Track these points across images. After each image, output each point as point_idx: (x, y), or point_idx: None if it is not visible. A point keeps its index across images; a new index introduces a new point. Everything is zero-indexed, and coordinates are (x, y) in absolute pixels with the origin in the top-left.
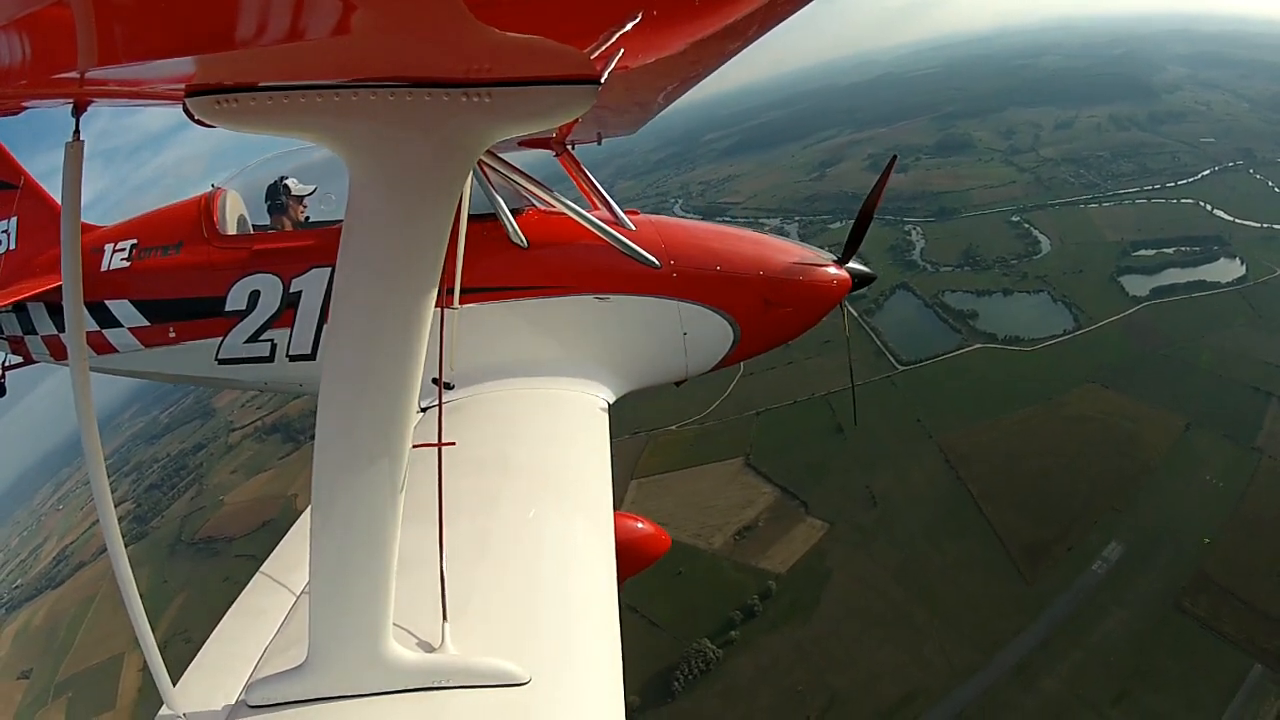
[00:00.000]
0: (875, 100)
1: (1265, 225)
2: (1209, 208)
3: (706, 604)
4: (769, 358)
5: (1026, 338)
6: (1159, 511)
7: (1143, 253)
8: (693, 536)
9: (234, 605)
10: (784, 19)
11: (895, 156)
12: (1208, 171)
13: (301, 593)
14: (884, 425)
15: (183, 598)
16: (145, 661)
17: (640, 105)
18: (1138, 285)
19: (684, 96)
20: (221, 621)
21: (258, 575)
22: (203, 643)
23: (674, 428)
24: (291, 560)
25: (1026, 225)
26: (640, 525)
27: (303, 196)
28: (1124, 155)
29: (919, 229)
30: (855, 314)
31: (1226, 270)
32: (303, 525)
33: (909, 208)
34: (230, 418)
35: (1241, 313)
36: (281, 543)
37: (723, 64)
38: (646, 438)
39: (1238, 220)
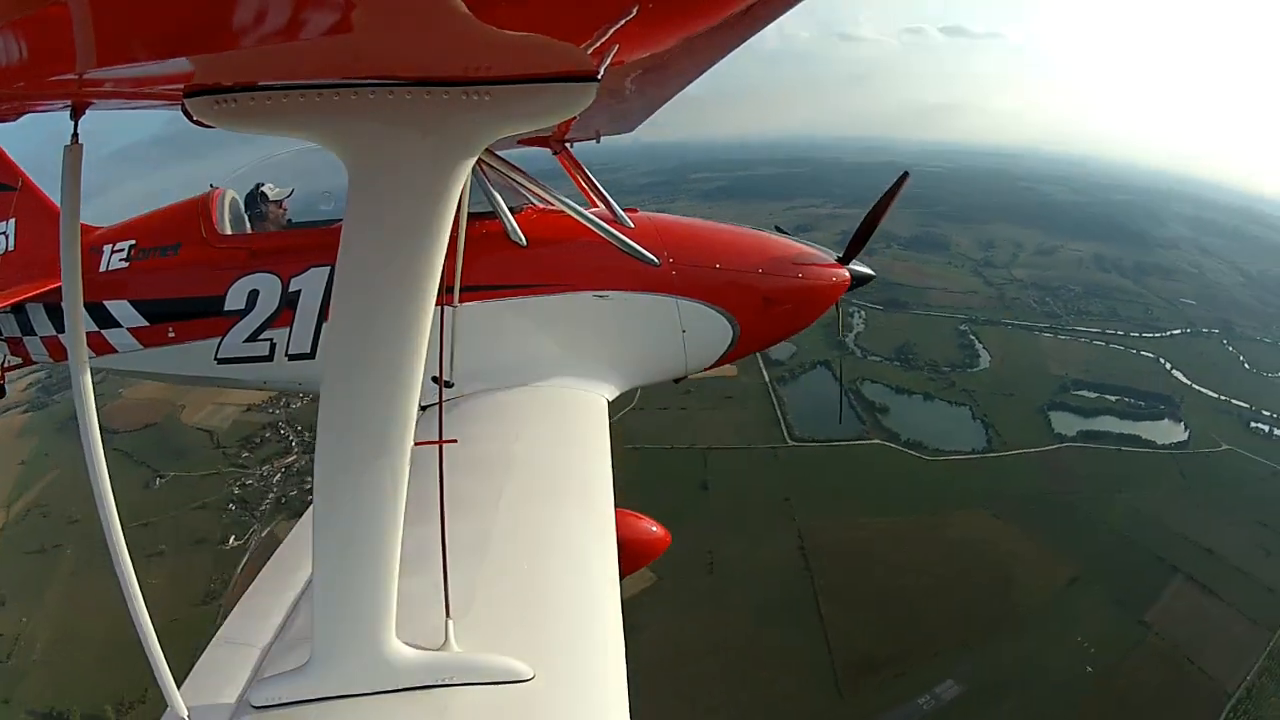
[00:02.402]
0: (872, 181)
1: (1222, 398)
2: (1168, 366)
3: None
4: (664, 398)
5: (930, 446)
6: (1013, 662)
7: (1083, 393)
8: None
9: (237, 606)
10: (779, 15)
11: (907, 173)
12: (1178, 332)
13: (304, 592)
14: (751, 495)
15: (55, 474)
16: (149, 662)
17: (638, 102)
18: (1066, 424)
19: (694, 128)
20: (225, 622)
21: (260, 574)
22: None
23: None
24: (294, 560)
25: (972, 337)
26: (641, 522)
27: (281, 200)
28: (1097, 295)
29: (863, 313)
30: (766, 379)
31: (1167, 432)
32: (305, 524)
33: (860, 294)
34: None
35: (1170, 479)
36: (284, 542)
37: (720, 60)
38: None
39: (1195, 385)
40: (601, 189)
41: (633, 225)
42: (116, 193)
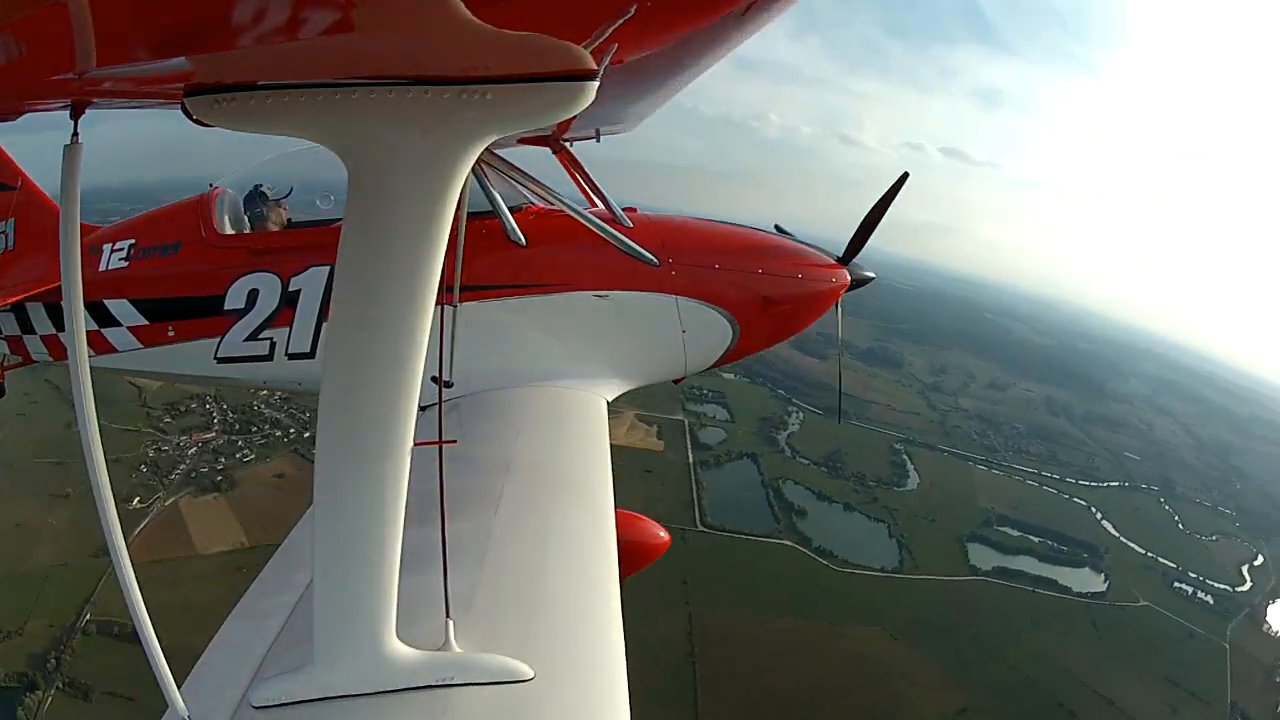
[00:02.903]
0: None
1: (1149, 554)
2: (1099, 516)
3: None
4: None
5: (840, 556)
6: None
7: (1007, 530)
8: None
9: (237, 606)
10: (776, 15)
11: (906, 173)
12: (1116, 484)
13: (305, 592)
14: (650, 571)
15: None
16: (149, 663)
17: (637, 101)
18: (984, 557)
19: (683, 197)
20: (225, 622)
21: (260, 575)
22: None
23: None
24: (294, 560)
25: (905, 457)
26: (641, 523)
27: (280, 200)
28: (1040, 436)
29: (800, 414)
30: (690, 460)
31: (1086, 581)
32: (305, 525)
33: (803, 390)
34: None
35: (1081, 627)
36: (284, 542)
37: (719, 60)
38: None
39: (1123, 538)
40: (601, 189)
41: (632, 225)
42: None
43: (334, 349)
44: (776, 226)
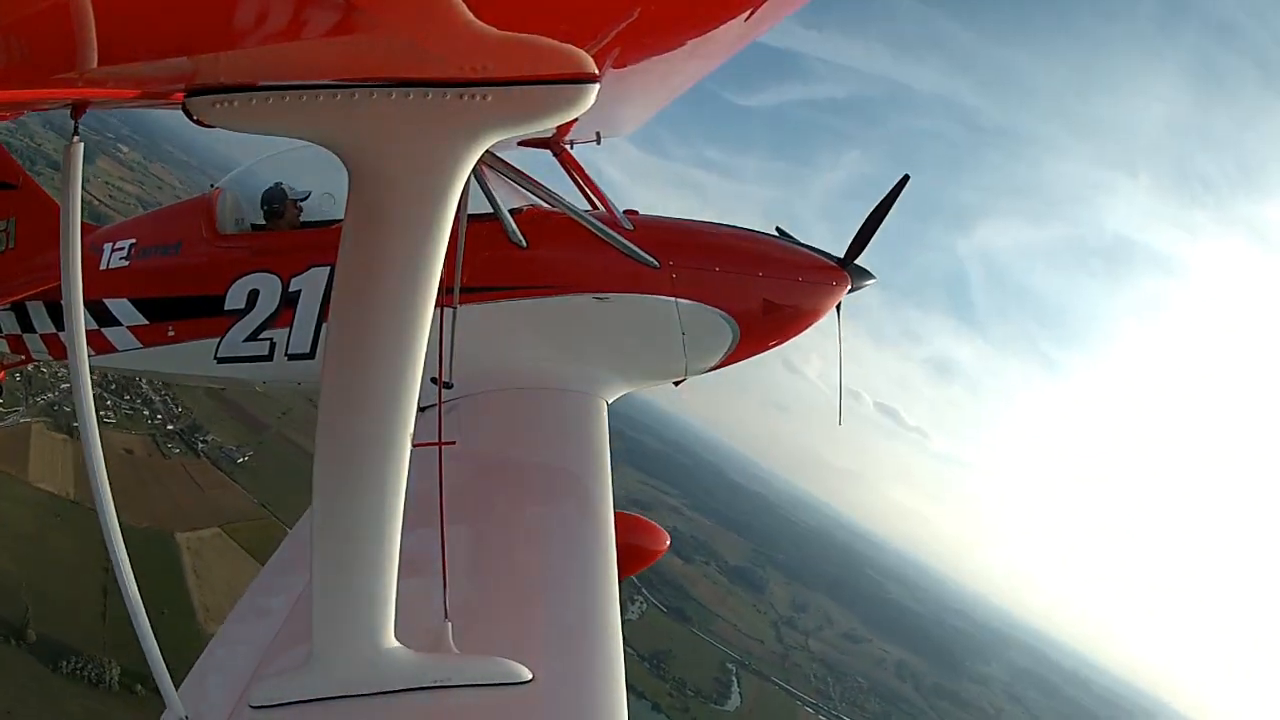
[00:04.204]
0: (727, 500)
1: None
2: None
3: None
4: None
5: None
6: None
7: None
8: None
9: (236, 606)
10: (782, 18)
11: (907, 175)
12: None
13: (303, 593)
14: None
15: None
16: (148, 662)
17: (638, 104)
18: None
19: None
20: (225, 622)
21: (260, 574)
22: None
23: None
24: (293, 560)
25: (734, 678)
26: (641, 524)
27: (299, 200)
28: (881, 696)
29: (643, 606)
30: None
31: None
32: (304, 525)
33: (657, 584)
34: None
35: None
36: (283, 543)
37: (721, 63)
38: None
39: None
40: (601, 191)
41: (632, 227)
42: None
43: (334, 349)
44: (778, 229)
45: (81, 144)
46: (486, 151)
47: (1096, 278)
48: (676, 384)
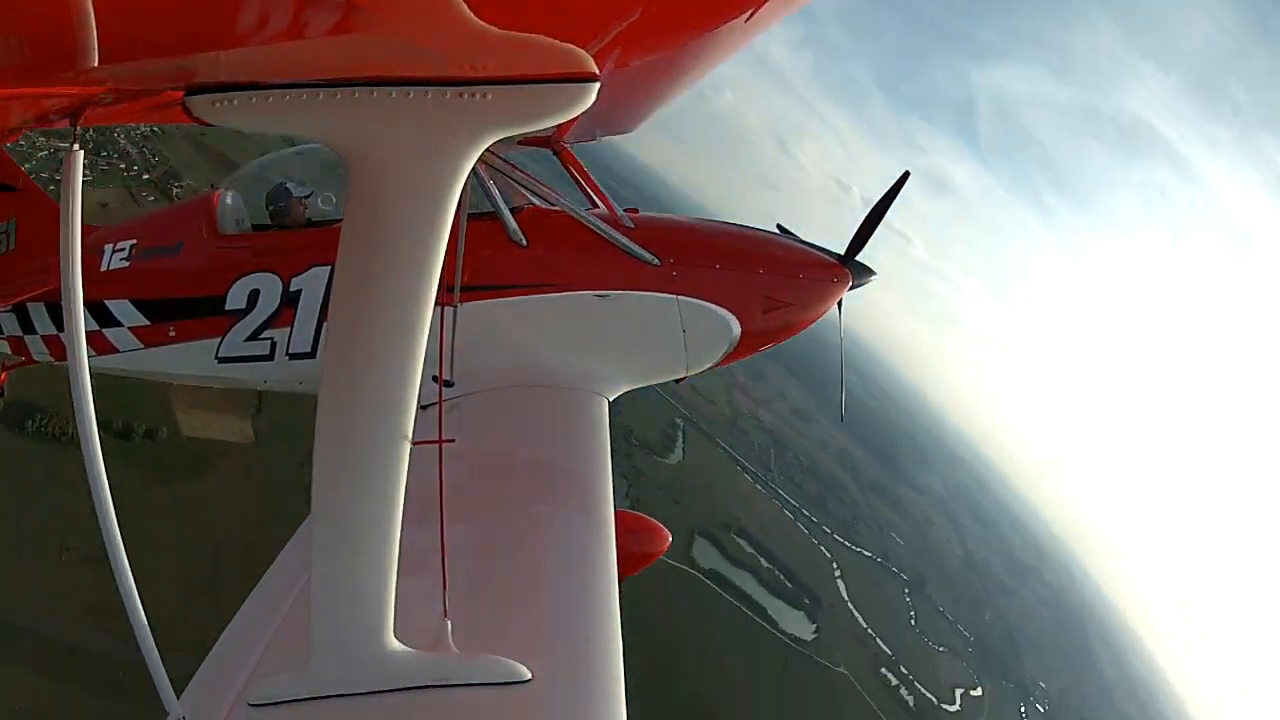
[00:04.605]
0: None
1: (869, 631)
2: (837, 573)
3: None
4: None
5: None
6: None
7: (741, 542)
8: None
9: (242, 607)
10: (778, 19)
11: (908, 172)
12: (869, 555)
13: (303, 591)
14: None
15: None
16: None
17: (639, 104)
18: (707, 556)
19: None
20: (230, 623)
21: (264, 576)
22: None
23: None
24: (294, 559)
25: (680, 434)
26: (642, 522)
27: (303, 198)
28: (818, 479)
29: None
30: None
31: (796, 624)
32: (306, 525)
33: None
34: None
35: (771, 662)
36: (288, 544)
37: (721, 63)
38: None
39: (851, 605)
40: (601, 189)
41: (633, 225)
42: None
43: (334, 348)
44: (779, 226)
45: (81, 151)
46: (487, 149)
47: (1107, 147)
48: (677, 382)
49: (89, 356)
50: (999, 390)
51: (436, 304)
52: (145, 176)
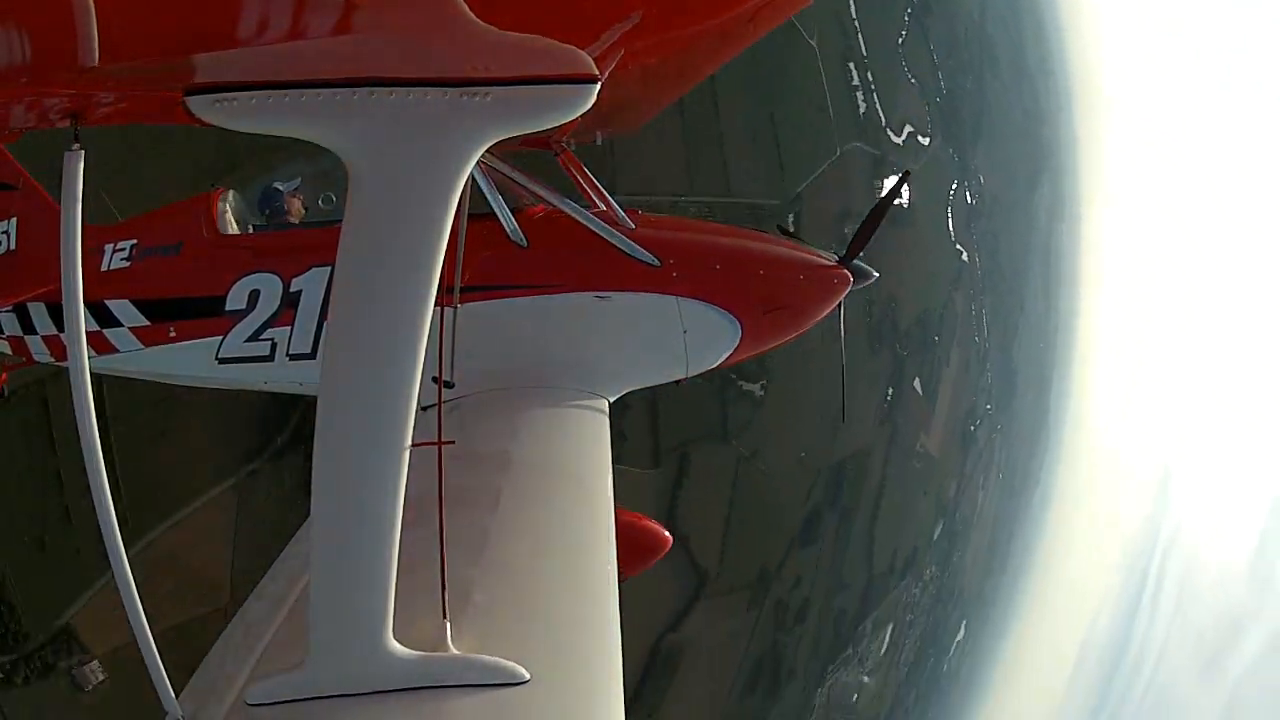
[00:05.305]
0: None
1: None
2: None
3: None
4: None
5: None
6: None
7: None
8: None
9: (243, 607)
10: (780, 20)
11: (909, 171)
12: None
13: (302, 591)
14: None
15: None
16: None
17: (640, 105)
18: None
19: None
20: (230, 623)
21: (265, 577)
22: None
23: None
24: (294, 560)
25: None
26: (642, 523)
27: (294, 190)
28: None
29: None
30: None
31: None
32: (307, 525)
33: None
34: None
35: None
36: (287, 546)
37: (721, 65)
38: None
39: None
40: (602, 190)
41: (634, 226)
42: None
43: (334, 349)
44: (779, 227)
45: (81, 152)
46: (487, 150)
47: None
48: (678, 383)
49: (89, 356)
50: None
51: (436, 305)
52: None
